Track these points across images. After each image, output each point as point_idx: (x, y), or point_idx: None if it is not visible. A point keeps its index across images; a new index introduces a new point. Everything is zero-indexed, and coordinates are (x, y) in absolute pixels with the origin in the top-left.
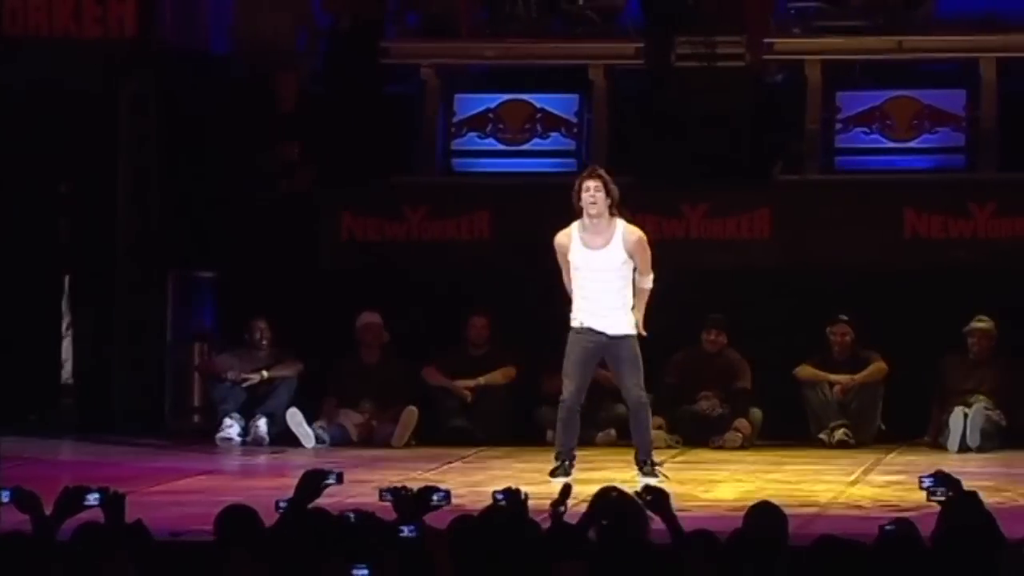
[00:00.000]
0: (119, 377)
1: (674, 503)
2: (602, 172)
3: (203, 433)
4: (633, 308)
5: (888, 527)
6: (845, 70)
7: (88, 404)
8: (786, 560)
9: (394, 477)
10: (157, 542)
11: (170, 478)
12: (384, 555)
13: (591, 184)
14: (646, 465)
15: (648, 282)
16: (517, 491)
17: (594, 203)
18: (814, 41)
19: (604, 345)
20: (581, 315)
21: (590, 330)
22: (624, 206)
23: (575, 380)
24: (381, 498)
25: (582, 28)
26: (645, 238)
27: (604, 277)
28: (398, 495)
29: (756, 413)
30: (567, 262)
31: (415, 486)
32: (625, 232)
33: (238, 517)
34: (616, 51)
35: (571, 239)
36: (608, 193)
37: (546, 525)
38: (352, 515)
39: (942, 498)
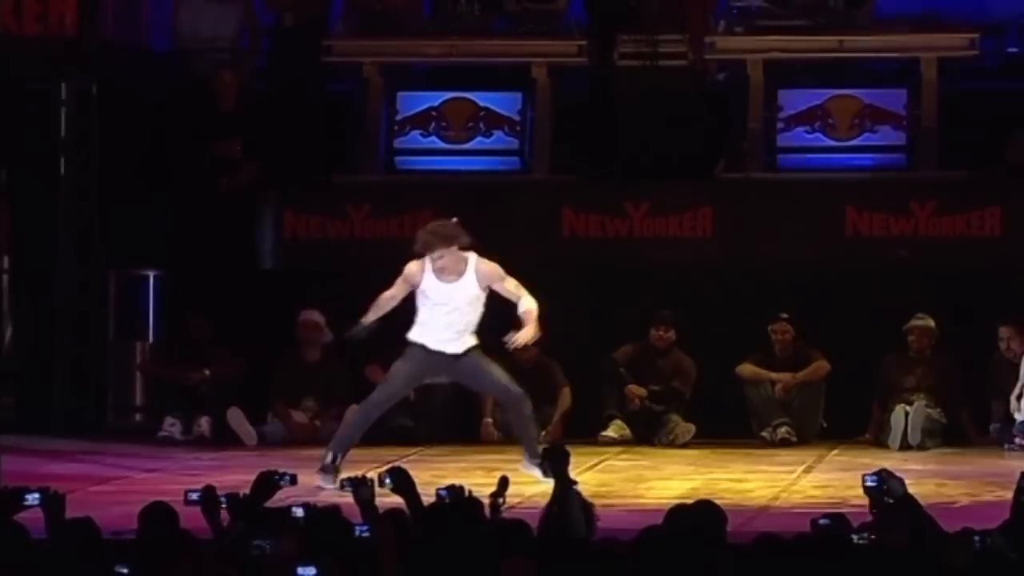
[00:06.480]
0: (60, 375)
1: (617, 499)
2: None
3: (145, 432)
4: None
5: (822, 521)
6: (787, 69)
7: (28, 402)
8: (728, 558)
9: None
10: (105, 540)
11: (111, 477)
12: (335, 554)
13: None
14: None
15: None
16: (461, 488)
17: None
18: (756, 40)
19: None
20: None
21: None
22: (568, 205)
23: None
24: (342, 488)
25: (525, 27)
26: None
27: None
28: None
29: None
30: None
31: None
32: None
33: (158, 514)
34: (559, 49)
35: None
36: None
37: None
38: (301, 510)
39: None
